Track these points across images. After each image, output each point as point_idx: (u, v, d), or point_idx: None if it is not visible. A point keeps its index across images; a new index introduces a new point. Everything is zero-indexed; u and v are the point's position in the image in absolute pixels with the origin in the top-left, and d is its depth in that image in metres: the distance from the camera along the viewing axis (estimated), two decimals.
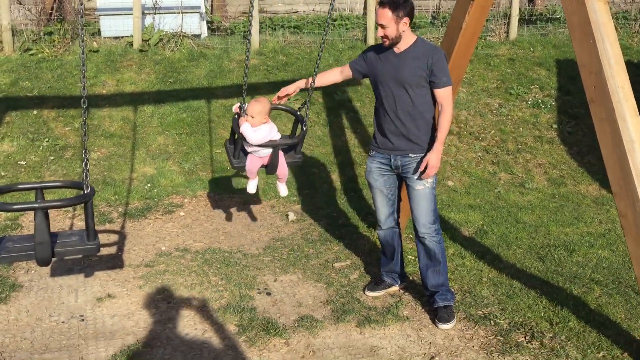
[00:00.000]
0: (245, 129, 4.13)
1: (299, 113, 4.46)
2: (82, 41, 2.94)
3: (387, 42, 3.82)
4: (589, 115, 7.52)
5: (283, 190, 4.73)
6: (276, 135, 4.27)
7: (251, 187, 4.57)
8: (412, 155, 3.90)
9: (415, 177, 3.89)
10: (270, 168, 4.39)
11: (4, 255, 2.96)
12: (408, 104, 3.84)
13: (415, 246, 4.92)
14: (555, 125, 7.53)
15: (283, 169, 4.45)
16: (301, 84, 4.32)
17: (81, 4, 2.87)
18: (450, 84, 3.83)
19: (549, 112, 7.72)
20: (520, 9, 9.27)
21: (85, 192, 3.02)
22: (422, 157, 3.88)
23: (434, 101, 3.91)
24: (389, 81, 3.88)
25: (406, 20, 3.76)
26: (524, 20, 9.56)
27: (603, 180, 6.65)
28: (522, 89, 8.01)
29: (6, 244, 3.05)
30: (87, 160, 3.05)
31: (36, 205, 2.88)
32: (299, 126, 4.43)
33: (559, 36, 9.20)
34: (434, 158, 3.77)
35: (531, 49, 8.83)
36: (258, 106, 4.17)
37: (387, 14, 3.73)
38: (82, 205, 3.18)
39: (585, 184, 6.65)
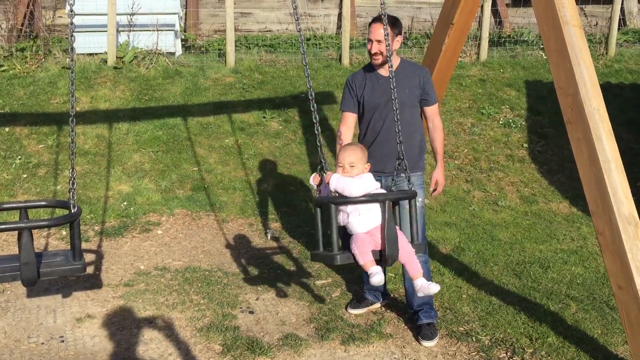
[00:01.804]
0: (339, 178, 3.08)
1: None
2: (72, 60, 2.93)
3: (381, 59, 3.84)
4: (558, 135, 7.80)
5: (427, 287, 3.24)
6: (382, 192, 3.23)
7: (376, 279, 3.08)
8: (403, 175, 3.95)
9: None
10: (389, 248, 3.03)
11: None
12: (404, 125, 3.89)
13: (394, 264, 5.00)
14: (525, 145, 7.72)
15: (407, 252, 3.15)
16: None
17: (71, 23, 2.86)
18: (437, 100, 3.95)
19: (520, 132, 7.91)
20: (489, 31, 9.51)
21: (72, 211, 2.98)
22: (414, 175, 3.94)
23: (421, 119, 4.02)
24: (385, 104, 3.91)
25: (399, 38, 3.85)
26: (493, 42, 9.80)
27: (573, 199, 6.83)
28: (493, 109, 8.20)
29: None
30: (74, 179, 3.02)
31: (23, 225, 2.84)
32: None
33: (527, 58, 9.47)
34: (441, 175, 3.87)
35: (501, 70, 9.06)
36: (356, 151, 3.22)
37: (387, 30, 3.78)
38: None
39: (556, 202, 6.82)
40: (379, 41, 3.79)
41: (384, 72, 3.92)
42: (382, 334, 4.06)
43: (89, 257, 5.15)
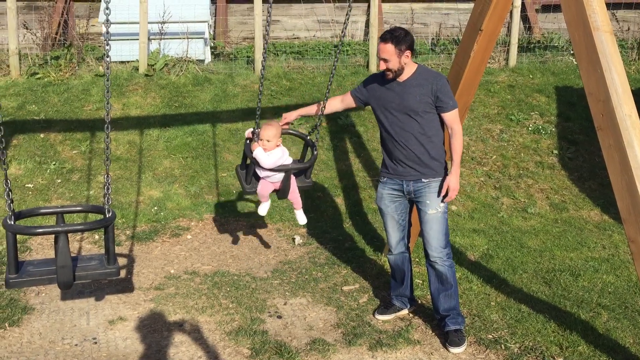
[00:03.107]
0: (259, 153, 4.20)
1: (308, 138, 4.54)
2: (108, 68, 3.01)
3: (391, 75, 3.92)
4: (589, 141, 7.70)
5: (301, 218, 4.71)
6: (288, 160, 4.36)
7: (262, 210, 4.64)
8: (425, 180, 3.97)
9: (428, 201, 3.96)
10: (281, 193, 4.45)
11: (27, 279, 2.99)
12: (417, 130, 3.92)
13: (422, 270, 5.00)
14: (555, 151, 7.64)
15: (295, 193, 4.51)
16: (302, 111, 4.49)
17: (107, 32, 2.95)
18: (456, 106, 3.94)
19: (549, 138, 7.83)
20: (518, 37, 9.44)
21: (107, 216, 3.06)
22: (435, 181, 3.96)
23: (442, 125, 4.02)
24: (395, 109, 3.95)
25: (408, 53, 3.87)
26: (522, 48, 9.73)
27: (604, 206, 6.74)
28: (522, 115, 8.13)
29: (27, 268, 3.08)
30: (109, 184, 3.10)
31: (60, 229, 2.93)
32: (309, 150, 4.53)
33: (557, 64, 9.37)
34: (454, 181, 3.86)
35: (530, 76, 8.99)
36: (272, 130, 4.22)
37: (389, 49, 3.82)
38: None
39: (587, 209, 6.73)
40: (384, 60, 3.85)
41: (399, 78, 3.96)
42: (409, 340, 4.06)
43: (120, 261, 5.24)
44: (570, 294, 4.74)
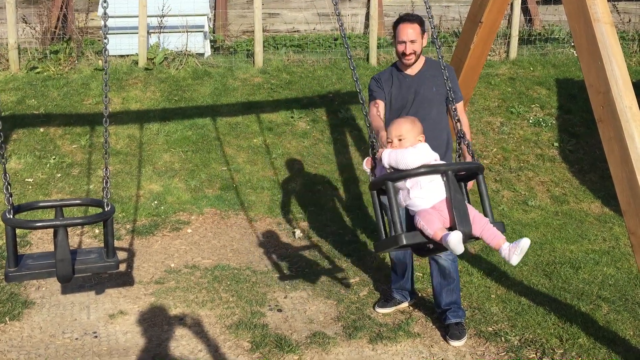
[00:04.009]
0: (391, 152, 2.80)
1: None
2: (106, 62, 3.00)
3: (414, 59, 3.87)
4: (589, 134, 7.69)
5: (514, 255, 2.89)
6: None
7: (455, 241, 2.68)
8: None
9: None
10: (461, 227, 2.67)
11: (26, 272, 2.99)
12: (431, 123, 3.90)
13: (422, 263, 5.00)
14: (556, 144, 7.62)
15: (482, 223, 2.79)
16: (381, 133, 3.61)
17: (105, 26, 2.94)
18: (462, 97, 3.95)
19: (550, 131, 7.81)
20: (519, 29, 9.40)
21: (106, 209, 3.07)
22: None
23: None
24: (412, 104, 3.91)
25: (426, 36, 3.87)
26: (523, 40, 9.69)
27: (605, 198, 6.72)
28: (523, 107, 8.11)
29: (27, 262, 3.09)
30: (108, 178, 3.10)
31: (58, 222, 2.93)
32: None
33: (558, 56, 9.34)
34: None
35: (531, 69, 8.96)
36: (405, 124, 2.93)
37: (416, 30, 3.80)
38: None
39: (588, 202, 6.72)
40: (412, 41, 3.80)
41: (410, 71, 3.93)
42: (409, 333, 4.07)
43: (121, 255, 5.24)
44: (571, 286, 4.74)
